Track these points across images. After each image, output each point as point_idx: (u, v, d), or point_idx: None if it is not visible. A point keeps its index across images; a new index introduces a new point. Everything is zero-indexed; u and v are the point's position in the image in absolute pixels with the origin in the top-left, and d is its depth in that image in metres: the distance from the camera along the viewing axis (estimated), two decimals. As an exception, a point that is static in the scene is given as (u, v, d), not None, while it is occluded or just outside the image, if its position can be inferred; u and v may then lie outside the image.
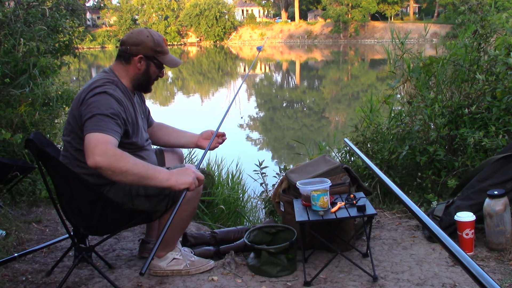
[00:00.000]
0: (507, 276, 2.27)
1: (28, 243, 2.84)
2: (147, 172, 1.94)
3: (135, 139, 2.23)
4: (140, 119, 2.33)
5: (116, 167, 1.90)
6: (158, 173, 1.98)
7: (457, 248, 0.98)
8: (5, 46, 3.93)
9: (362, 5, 50.65)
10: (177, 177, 1.99)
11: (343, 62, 35.75)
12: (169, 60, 2.32)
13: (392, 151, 3.52)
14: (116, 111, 2.05)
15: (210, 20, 57.25)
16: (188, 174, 2.01)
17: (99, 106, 2.02)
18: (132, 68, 2.26)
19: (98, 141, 1.93)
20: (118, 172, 1.91)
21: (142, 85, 2.33)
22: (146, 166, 1.97)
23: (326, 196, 2.38)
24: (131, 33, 2.30)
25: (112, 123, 2.01)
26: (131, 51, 2.23)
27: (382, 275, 2.35)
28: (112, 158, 1.90)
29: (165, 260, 2.39)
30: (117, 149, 1.95)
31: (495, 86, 3.23)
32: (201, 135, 2.64)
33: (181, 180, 1.99)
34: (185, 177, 2.00)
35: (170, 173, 2.00)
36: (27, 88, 3.94)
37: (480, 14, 3.65)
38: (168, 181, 1.97)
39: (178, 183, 1.98)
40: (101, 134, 1.95)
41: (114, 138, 1.98)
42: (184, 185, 1.99)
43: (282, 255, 2.42)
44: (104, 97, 2.06)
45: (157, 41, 2.27)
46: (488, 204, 2.51)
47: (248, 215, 4.31)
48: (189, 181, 1.99)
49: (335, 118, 14.17)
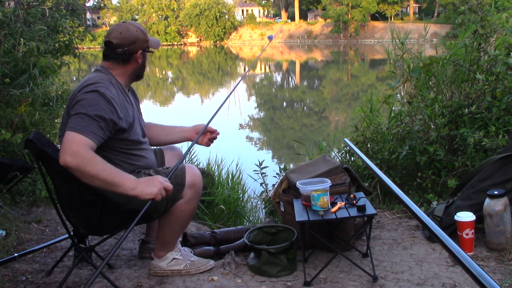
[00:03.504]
0: (507, 276, 2.27)
1: (28, 243, 2.84)
2: (113, 180, 1.94)
3: (132, 136, 2.22)
4: (137, 116, 2.32)
5: (84, 170, 1.90)
6: (125, 181, 1.97)
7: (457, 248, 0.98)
8: (5, 46, 3.93)
9: (362, 5, 50.64)
10: (143, 187, 1.97)
11: (343, 62, 35.75)
12: (154, 44, 2.36)
13: (392, 151, 3.52)
14: (102, 114, 2.02)
15: (210, 20, 57.24)
16: (155, 184, 1.99)
17: (85, 106, 2.02)
18: (132, 65, 2.26)
19: (74, 140, 1.94)
20: (86, 175, 1.92)
21: (139, 76, 2.35)
22: (114, 173, 1.97)
23: (326, 196, 2.38)
24: (120, 33, 2.22)
25: (94, 125, 1.99)
26: (131, 51, 2.22)
27: (382, 275, 2.35)
28: (81, 161, 1.90)
29: (165, 260, 2.39)
30: (90, 152, 1.94)
31: (495, 86, 3.23)
32: (194, 129, 2.61)
33: (147, 190, 1.97)
34: (151, 187, 1.98)
35: (137, 182, 1.99)
36: (27, 88, 3.94)
37: (480, 14, 3.65)
38: (134, 190, 1.96)
39: (143, 193, 1.96)
40: (79, 134, 1.95)
41: (91, 141, 1.97)
42: (148, 196, 1.97)
43: (282, 255, 2.42)
44: (93, 96, 2.05)
45: (144, 31, 2.29)
46: (488, 204, 2.51)
47: (248, 215, 4.31)
48: (154, 192, 1.97)
49: (335, 118, 14.17)
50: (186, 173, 2.24)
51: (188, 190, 2.24)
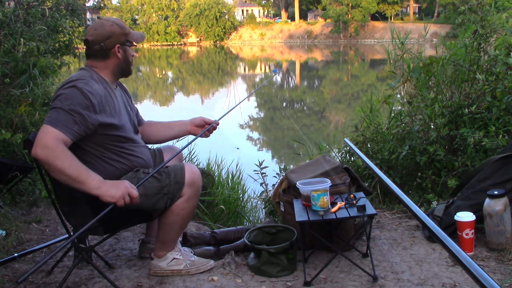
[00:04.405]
0: (507, 276, 2.27)
1: (28, 243, 2.84)
2: (79, 177, 1.95)
3: (121, 132, 2.21)
4: (125, 111, 2.31)
5: (51, 163, 1.93)
6: (90, 180, 1.98)
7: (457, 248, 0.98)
8: (5, 46, 3.92)
9: (362, 5, 50.64)
10: (107, 188, 1.98)
11: (343, 62, 35.75)
12: (137, 37, 2.35)
13: (392, 151, 3.52)
14: (77, 108, 2.02)
15: (210, 20, 57.24)
16: (119, 188, 1.99)
17: (62, 100, 2.04)
18: (112, 60, 2.26)
19: (46, 133, 1.96)
20: (53, 169, 1.94)
21: (124, 71, 2.34)
22: (81, 170, 1.97)
23: (326, 196, 2.38)
24: (94, 29, 2.24)
25: (69, 119, 2.00)
26: (107, 45, 2.22)
27: (382, 275, 2.35)
28: (50, 154, 1.92)
29: (165, 260, 2.39)
30: (60, 146, 1.95)
31: (495, 86, 3.23)
32: (191, 122, 2.62)
33: (109, 192, 1.98)
34: (115, 190, 1.98)
35: (101, 183, 1.99)
36: (27, 88, 3.94)
37: (480, 14, 3.65)
38: (97, 190, 1.97)
39: (106, 194, 1.97)
40: (52, 128, 1.97)
41: (64, 135, 1.98)
42: (110, 198, 1.97)
43: (282, 255, 2.42)
44: (71, 91, 2.06)
45: (121, 24, 2.29)
46: (488, 204, 2.51)
47: (248, 215, 4.31)
48: (117, 196, 1.97)
49: (335, 118, 14.17)
50: (186, 171, 2.24)
51: (188, 189, 2.24)
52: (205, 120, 2.61)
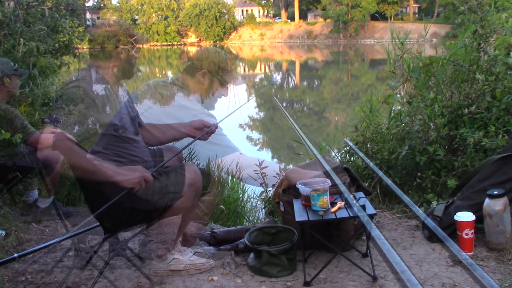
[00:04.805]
0: (507, 276, 2.26)
1: (28, 243, 2.84)
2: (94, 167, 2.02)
3: (121, 132, 2.23)
4: (126, 112, 2.33)
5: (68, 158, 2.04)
6: (106, 168, 2.04)
7: (457, 248, 0.98)
8: (5, 46, 3.93)
9: (362, 5, 50.60)
10: (124, 174, 2.05)
11: (343, 62, 35.71)
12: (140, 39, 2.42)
13: (392, 151, 3.52)
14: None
15: (210, 20, 57.21)
16: (135, 174, 2.07)
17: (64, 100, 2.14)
18: (114, 60, 2.31)
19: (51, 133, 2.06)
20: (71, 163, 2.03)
21: (125, 73, 2.39)
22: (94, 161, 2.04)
23: (326, 196, 2.38)
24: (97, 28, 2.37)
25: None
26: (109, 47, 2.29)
27: (382, 275, 2.35)
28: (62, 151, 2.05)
29: (165, 260, 2.39)
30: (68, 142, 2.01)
31: (495, 86, 3.23)
32: (190, 124, 2.63)
33: (126, 177, 2.05)
34: (132, 175, 2.06)
35: (118, 169, 2.06)
36: (26, 88, 3.93)
37: (480, 14, 3.65)
38: (115, 176, 2.03)
39: (123, 180, 2.04)
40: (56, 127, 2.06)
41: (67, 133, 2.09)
42: (127, 183, 2.04)
43: (282, 256, 2.42)
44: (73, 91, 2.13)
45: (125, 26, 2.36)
46: (488, 204, 2.51)
47: (248, 215, 4.30)
48: (134, 180, 2.05)
49: (335, 118, 14.17)
50: (186, 171, 2.24)
51: (188, 189, 2.24)
52: (204, 123, 2.61)
